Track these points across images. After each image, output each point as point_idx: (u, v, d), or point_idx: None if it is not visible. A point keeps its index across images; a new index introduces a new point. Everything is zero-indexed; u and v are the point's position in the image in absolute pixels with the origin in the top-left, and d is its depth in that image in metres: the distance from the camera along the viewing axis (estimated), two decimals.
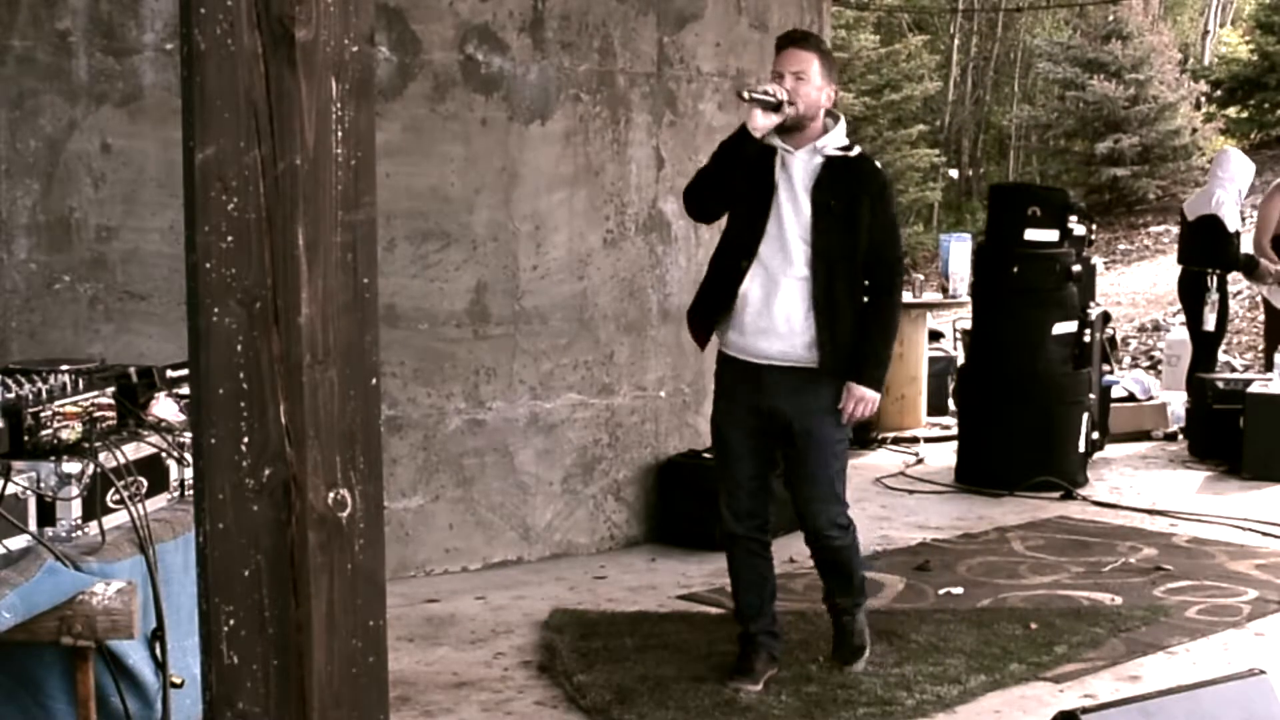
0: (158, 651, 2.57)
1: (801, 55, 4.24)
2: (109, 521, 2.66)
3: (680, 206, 6.37)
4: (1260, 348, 11.60)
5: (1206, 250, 8.73)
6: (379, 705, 1.66)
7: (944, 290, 9.89)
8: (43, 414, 2.66)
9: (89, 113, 5.19)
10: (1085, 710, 2.67)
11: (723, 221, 4.49)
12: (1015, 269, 7.57)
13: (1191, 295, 8.88)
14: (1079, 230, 7.83)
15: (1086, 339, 7.82)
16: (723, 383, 4.41)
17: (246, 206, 1.56)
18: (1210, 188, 8.84)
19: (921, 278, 10.34)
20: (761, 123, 4.15)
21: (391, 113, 5.52)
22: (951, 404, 9.64)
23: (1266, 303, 9.34)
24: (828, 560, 4.54)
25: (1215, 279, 8.76)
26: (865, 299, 4.30)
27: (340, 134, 1.60)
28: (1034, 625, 4.97)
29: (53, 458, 2.62)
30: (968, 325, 8.74)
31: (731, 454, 4.38)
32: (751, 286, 4.25)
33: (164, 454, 2.90)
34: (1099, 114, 25.42)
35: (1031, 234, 7.59)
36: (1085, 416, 7.65)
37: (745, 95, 4.17)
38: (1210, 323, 8.77)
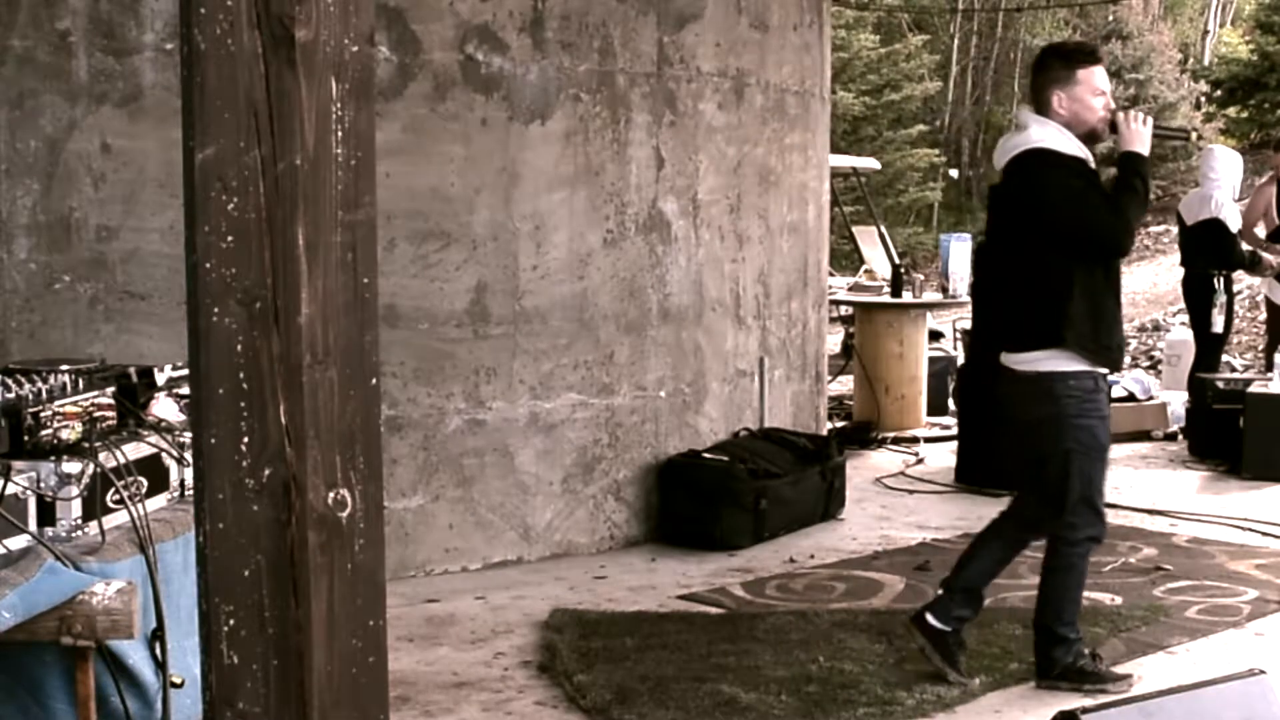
0: (158, 651, 2.57)
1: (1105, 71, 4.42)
2: (109, 521, 2.65)
3: (679, 206, 6.40)
4: (1260, 348, 11.60)
5: (1211, 252, 8.72)
6: (379, 705, 1.66)
7: (944, 290, 9.88)
8: (43, 414, 2.66)
9: (89, 113, 5.19)
10: (1085, 710, 2.67)
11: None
12: None
13: (1198, 297, 8.87)
14: None
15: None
16: (1096, 402, 4.36)
17: (246, 206, 1.56)
18: (1206, 189, 8.82)
19: (921, 278, 10.35)
20: None
21: (391, 113, 5.52)
22: (951, 404, 9.64)
23: (1268, 301, 9.33)
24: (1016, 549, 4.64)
25: (1222, 280, 8.76)
26: None
27: (340, 134, 1.59)
28: None
29: (53, 458, 2.61)
30: (968, 325, 8.74)
31: (1105, 463, 4.43)
32: (1119, 299, 4.42)
33: (164, 454, 2.90)
34: None
35: None
36: None
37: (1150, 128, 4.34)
38: (1219, 324, 8.77)
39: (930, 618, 4.48)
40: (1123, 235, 4.28)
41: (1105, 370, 4.39)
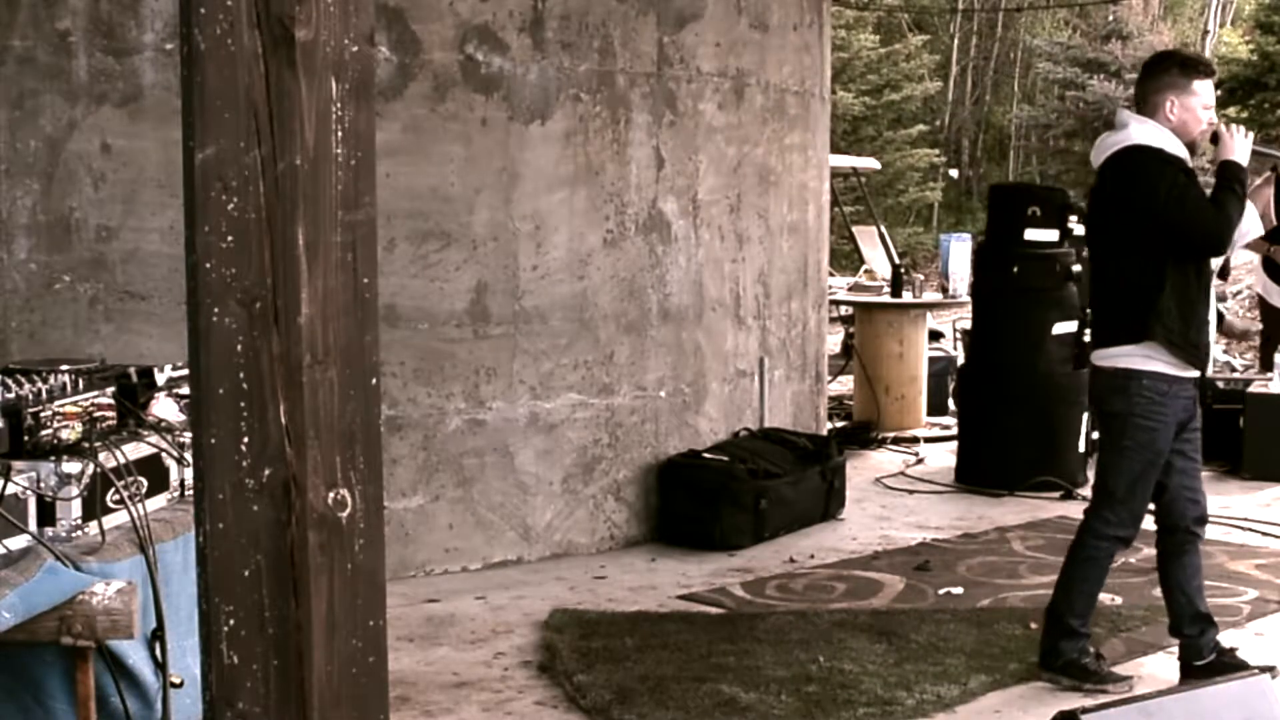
0: (158, 651, 2.57)
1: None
2: (109, 521, 2.65)
3: (679, 206, 6.40)
4: (1258, 345, 11.58)
5: None
6: (379, 705, 1.66)
7: (944, 290, 9.89)
8: (43, 414, 2.66)
9: (89, 113, 5.19)
10: (1085, 710, 2.68)
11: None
12: (1015, 269, 7.58)
13: None
14: (1079, 230, 7.82)
15: (1086, 339, 7.82)
16: (1165, 407, 4.36)
17: (246, 206, 1.56)
18: None
19: (921, 278, 10.35)
20: None
21: (391, 113, 5.52)
22: (951, 404, 9.64)
23: (1263, 301, 9.32)
24: (1190, 554, 4.59)
25: None
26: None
27: (340, 134, 1.59)
28: (1034, 625, 4.96)
29: (53, 458, 2.61)
30: (968, 325, 8.74)
31: (1157, 470, 4.42)
32: (1209, 302, 4.46)
33: (164, 454, 2.90)
34: (1099, 114, 25.45)
35: (1031, 234, 7.59)
36: (1085, 416, 7.64)
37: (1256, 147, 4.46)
38: None
39: (1198, 664, 4.49)
40: (1226, 232, 4.31)
41: (1191, 372, 4.38)
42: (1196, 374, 4.42)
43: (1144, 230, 4.31)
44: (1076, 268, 7.67)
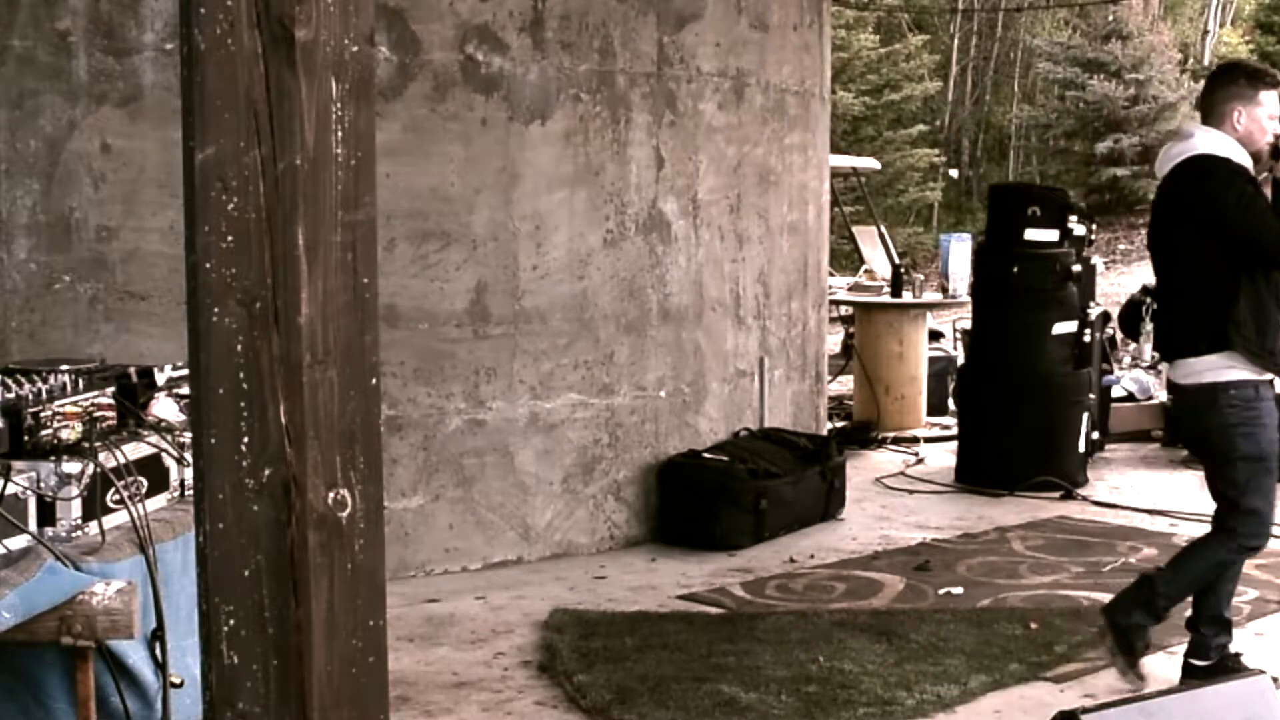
0: (158, 651, 2.57)
1: None
2: (109, 521, 2.65)
3: (679, 206, 6.40)
4: None
5: None
6: (379, 705, 1.66)
7: (944, 290, 9.90)
8: (43, 414, 2.66)
9: (89, 113, 5.19)
10: (1085, 710, 2.67)
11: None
12: (1015, 269, 7.58)
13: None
14: (1079, 230, 7.84)
15: (1086, 339, 7.83)
16: (1258, 410, 4.35)
17: (246, 206, 1.56)
18: None
19: (921, 278, 10.36)
20: None
21: (391, 113, 5.52)
22: (951, 404, 9.65)
23: None
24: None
25: None
26: None
27: (340, 134, 1.59)
28: (1034, 625, 4.98)
29: (53, 458, 2.61)
30: (968, 325, 8.75)
31: (1267, 472, 4.41)
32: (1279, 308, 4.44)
33: (164, 454, 2.90)
34: (1099, 114, 25.46)
35: (1031, 234, 7.59)
36: (1085, 416, 7.65)
37: None
38: None
39: (1200, 664, 4.48)
40: None
41: (1268, 377, 4.37)
42: (1271, 377, 4.40)
43: (1216, 238, 4.29)
44: (1076, 268, 7.68)
